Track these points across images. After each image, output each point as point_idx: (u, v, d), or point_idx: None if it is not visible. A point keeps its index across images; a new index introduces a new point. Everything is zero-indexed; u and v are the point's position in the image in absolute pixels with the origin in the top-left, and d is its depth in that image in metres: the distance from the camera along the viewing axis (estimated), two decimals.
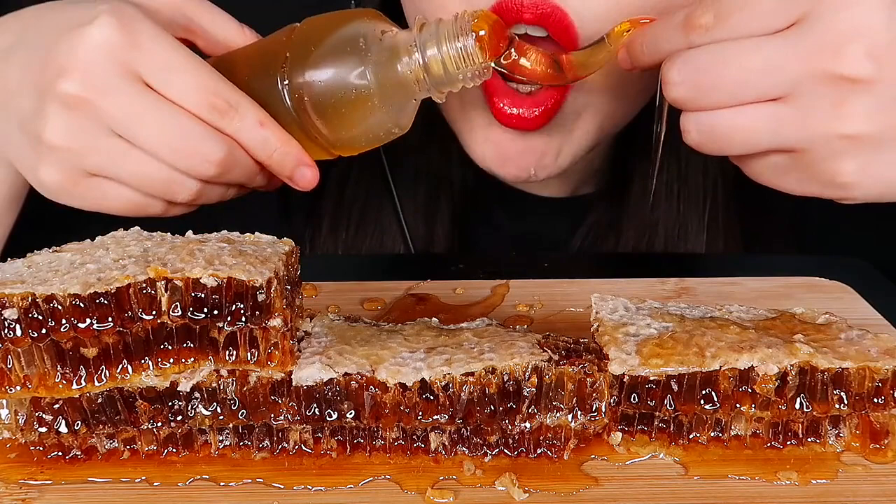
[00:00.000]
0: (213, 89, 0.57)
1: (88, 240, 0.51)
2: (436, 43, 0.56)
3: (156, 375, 0.47)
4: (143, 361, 0.46)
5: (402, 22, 0.66)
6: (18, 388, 0.46)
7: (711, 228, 0.82)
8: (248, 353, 0.47)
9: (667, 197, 0.82)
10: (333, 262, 0.81)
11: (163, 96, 0.56)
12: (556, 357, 0.48)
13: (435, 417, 0.47)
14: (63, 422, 0.48)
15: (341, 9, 0.60)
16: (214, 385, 0.48)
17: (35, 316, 0.44)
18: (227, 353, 0.47)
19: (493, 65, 0.57)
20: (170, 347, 0.47)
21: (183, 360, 0.47)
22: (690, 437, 0.49)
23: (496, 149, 0.69)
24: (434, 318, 0.55)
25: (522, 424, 0.48)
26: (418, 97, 0.58)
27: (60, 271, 0.46)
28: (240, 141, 0.59)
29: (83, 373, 0.46)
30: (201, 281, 0.45)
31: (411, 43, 0.56)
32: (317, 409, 0.48)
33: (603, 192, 0.86)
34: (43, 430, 0.48)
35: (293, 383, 0.47)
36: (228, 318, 0.46)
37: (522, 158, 0.69)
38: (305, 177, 0.61)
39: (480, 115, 0.68)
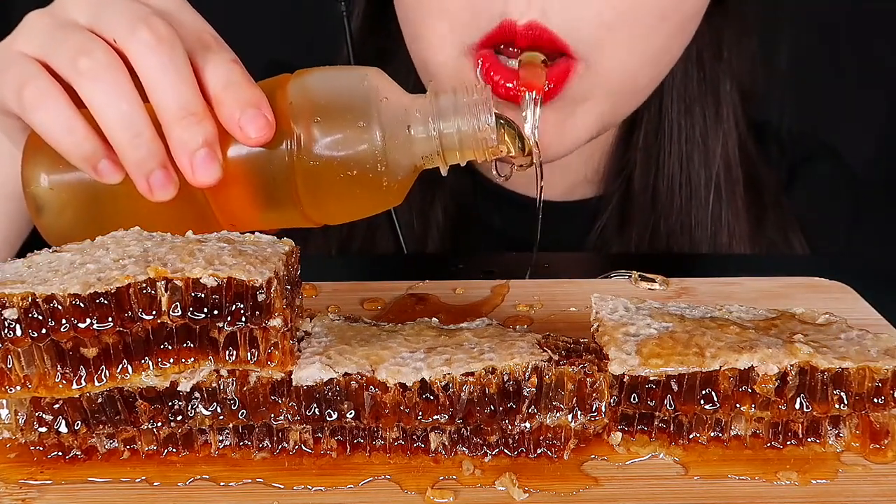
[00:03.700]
0: None
1: (88, 240, 0.51)
2: (455, 115, 0.53)
3: (156, 375, 0.47)
4: (143, 361, 0.46)
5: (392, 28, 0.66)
6: (18, 388, 0.46)
7: (715, 225, 0.82)
8: (248, 353, 0.47)
9: (670, 195, 0.82)
10: (333, 262, 0.81)
11: None
12: (556, 357, 0.48)
13: (435, 417, 0.47)
14: (63, 422, 0.48)
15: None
16: (214, 385, 0.48)
17: (35, 316, 0.44)
18: (227, 353, 0.47)
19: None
20: (170, 347, 0.47)
21: (183, 360, 0.47)
22: (690, 437, 0.49)
23: None
24: (434, 318, 0.55)
25: (522, 424, 0.48)
26: (421, 166, 0.55)
27: (60, 271, 0.46)
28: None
29: (83, 373, 0.46)
30: (201, 281, 0.45)
31: (427, 111, 0.53)
32: (317, 409, 0.48)
33: (602, 199, 0.86)
34: (43, 430, 0.48)
35: (293, 383, 0.47)
36: (228, 318, 0.46)
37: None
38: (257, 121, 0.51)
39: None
